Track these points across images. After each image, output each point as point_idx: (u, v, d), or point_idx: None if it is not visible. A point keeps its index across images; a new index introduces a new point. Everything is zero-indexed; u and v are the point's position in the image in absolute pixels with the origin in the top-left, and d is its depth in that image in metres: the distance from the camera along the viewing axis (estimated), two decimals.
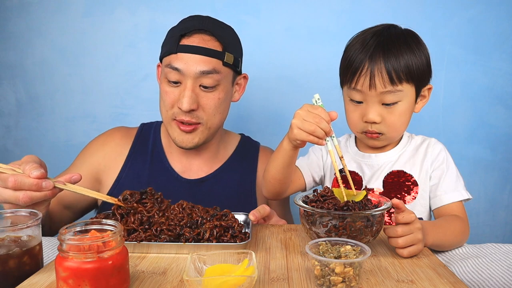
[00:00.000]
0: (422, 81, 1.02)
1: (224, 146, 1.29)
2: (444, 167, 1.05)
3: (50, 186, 0.81)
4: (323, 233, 0.78)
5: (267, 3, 1.64)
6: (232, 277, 0.62)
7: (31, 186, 0.79)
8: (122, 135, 1.26)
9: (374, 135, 1.03)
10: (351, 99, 1.03)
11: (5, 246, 0.68)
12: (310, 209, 0.79)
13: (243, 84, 1.24)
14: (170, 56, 1.10)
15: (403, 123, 1.03)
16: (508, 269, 0.79)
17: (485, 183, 1.72)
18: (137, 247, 0.78)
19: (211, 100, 1.11)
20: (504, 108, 1.68)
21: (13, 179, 0.79)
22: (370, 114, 1.00)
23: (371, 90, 0.98)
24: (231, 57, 1.12)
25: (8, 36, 1.67)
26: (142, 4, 1.64)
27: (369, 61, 0.98)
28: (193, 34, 1.10)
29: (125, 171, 1.20)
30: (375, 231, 0.79)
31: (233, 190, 1.23)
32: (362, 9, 1.63)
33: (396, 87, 0.98)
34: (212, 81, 1.09)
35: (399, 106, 1.00)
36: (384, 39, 1.00)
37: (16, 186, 0.79)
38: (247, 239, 0.80)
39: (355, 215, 0.77)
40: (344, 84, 1.05)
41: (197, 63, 1.07)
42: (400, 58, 0.97)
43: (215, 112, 1.13)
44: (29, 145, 1.72)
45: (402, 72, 0.97)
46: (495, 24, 1.63)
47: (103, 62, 1.67)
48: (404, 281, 0.68)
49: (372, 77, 0.97)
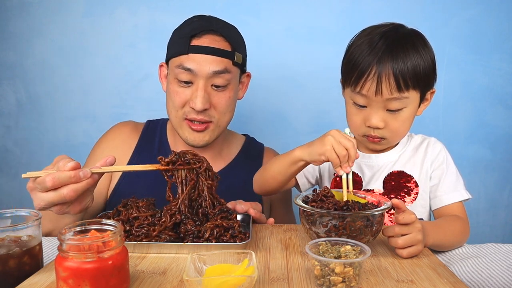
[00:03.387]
0: (428, 86, 1.01)
1: (228, 145, 1.30)
2: (444, 167, 1.05)
3: (88, 173, 0.80)
4: (323, 233, 0.78)
5: (267, 3, 1.64)
6: (232, 277, 0.62)
7: (70, 179, 0.78)
8: (130, 129, 1.28)
9: (376, 140, 1.03)
10: (354, 103, 1.01)
11: (5, 246, 0.68)
12: (310, 209, 0.79)
13: (246, 82, 1.26)
14: (181, 57, 1.11)
15: (406, 129, 1.03)
16: (508, 269, 0.79)
17: (485, 183, 1.72)
18: (137, 247, 0.78)
19: (222, 99, 1.13)
20: (504, 108, 1.68)
21: (50, 177, 0.78)
22: (373, 120, 0.98)
23: (377, 96, 0.95)
24: (240, 57, 1.15)
25: (8, 36, 1.67)
26: (142, 4, 1.65)
27: (377, 65, 0.94)
28: (203, 35, 1.11)
29: (133, 162, 1.22)
30: (375, 231, 0.79)
31: (239, 189, 1.22)
32: (362, 9, 1.63)
33: (403, 94, 0.95)
34: (224, 80, 1.11)
35: (403, 112, 0.98)
36: (392, 41, 0.97)
37: (55, 183, 0.78)
38: (247, 239, 0.80)
39: (355, 215, 0.77)
40: (348, 85, 1.02)
41: (209, 64, 1.09)
42: (408, 63, 0.95)
43: (226, 110, 1.16)
44: (29, 145, 1.72)
45: (410, 78, 0.95)
46: (495, 24, 1.63)
47: (103, 62, 1.67)
48: (404, 281, 0.68)
49: (379, 83, 0.94)
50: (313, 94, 1.68)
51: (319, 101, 1.68)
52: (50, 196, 0.79)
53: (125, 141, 1.25)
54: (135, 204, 0.84)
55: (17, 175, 1.75)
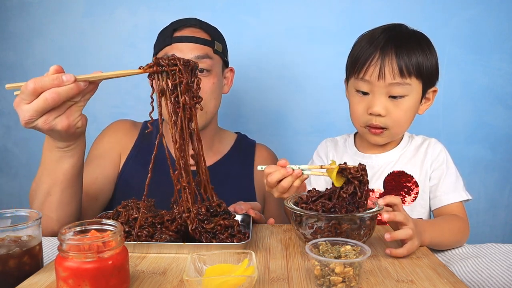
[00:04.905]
0: (430, 81, 1.02)
1: (219, 140, 1.33)
2: (444, 168, 1.05)
3: (71, 78, 0.77)
4: (309, 235, 0.77)
5: (267, 3, 1.64)
6: (232, 277, 0.62)
7: (52, 81, 0.76)
8: (130, 125, 1.33)
9: (378, 130, 1.02)
10: (357, 90, 1.02)
11: (5, 246, 0.68)
12: (299, 211, 0.78)
13: (231, 77, 1.31)
14: (165, 49, 1.17)
15: (407, 120, 1.02)
16: (508, 269, 0.79)
17: (485, 183, 1.72)
18: (137, 247, 0.78)
19: (206, 84, 1.16)
20: (504, 108, 1.68)
21: (32, 80, 0.75)
22: (375, 106, 0.99)
23: (379, 81, 0.97)
24: (220, 47, 1.21)
25: (8, 36, 1.67)
26: (142, 4, 1.64)
27: (380, 52, 0.98)
28: (183, 28, 1.19)
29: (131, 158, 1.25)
30: (363, 235, 0.77)
31: (233, 183, 1.26)
32: (362, 9, 1.63)
33: (405, 80, 0.97)
34: (206, 65, 1.16)
35: (405, 100, 0.99)
36: (395, 34, 1.00)
37: (37, 86, 0.76)
38: (247, 239, 0.80)
39: (341, 218, 0.75)
40: (352, 75, 1.04)
41: (191, 50, 1.15)
42: (412, 55, 0.97)
43: (211, 97, 1.18)
44: (29, 145, 1.72)
45: (413, 66, 0.97)
46: (495, 24, 1.63)
47: (103, 62, 1.67)
48: (404, 281, 0.68)
49: (382, 67, 0.97)
50: (313, 94, 1.68)
51: (319, 101, 1.68)
52: (33, 104, 0.77)
53: (126, 135, 1.28)
54: (135, 205, 0.84)
55: (17, 175, 1.75)
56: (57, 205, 0.92)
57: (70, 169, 0.90)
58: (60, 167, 0.90)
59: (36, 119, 0.79)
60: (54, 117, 0.80)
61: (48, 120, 0.79)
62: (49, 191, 0.91)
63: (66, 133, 0.83)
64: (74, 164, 0.91)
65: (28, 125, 0.79)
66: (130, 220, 0.82)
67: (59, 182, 0.90)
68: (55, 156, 0.89)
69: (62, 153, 0.89)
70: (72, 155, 0.90)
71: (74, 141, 0.88)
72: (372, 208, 0.79)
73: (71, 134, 0.84)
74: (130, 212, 0.83)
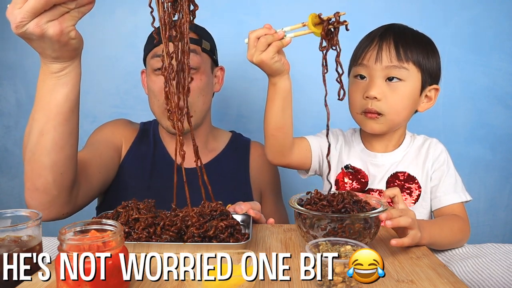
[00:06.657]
0: (430, 74, 1.03)
1: (214, 139, 1.34)
2: (444, 169, 1.05)
3: None
4: (321, 236, 0.77)
5: (267, 3, 1.64)
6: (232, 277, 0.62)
7: None
8: (130, 122, 1.35)
9: (373, 115, 1.02)
10: (355, 76, 1.05)
11: (5, 246, 0.68)
12: (307, 212, 0.78)
13: (221, 76, 1.32)
14: (154, 49, 1.18)
15: (404, 108, 1.02)
16: (508, 269, 0.79)
17: (485, 183, 1.72)
18: (137, 247, 0.78)
19: (194, 82, 1.16)
20: (504, 108, 1.68)
21: None
22: (372, 90, 1.00)
23: (376, 64, 0.99)
24: (208, 45, 1.23)
25: (8, 36, 1.66)
26: (143, 4, 1.64)
27: (378, 39, 1.01)
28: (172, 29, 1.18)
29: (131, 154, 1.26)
30: (373, 233, 0.78)
31: (228, 180, 1.27)
32: (361, 9, 1.63)
33: (402, 64, 0.99)
34: (194, 63, 1.16)
35: (402, 85, 1.00)
36: (396, 26, 1.04)
37: None
38: (247, 239, 0.80)
39: (354, 217, 0.76)
40: (352, 66, 1.07)
41: None
42: (410, 43, 1.00)
43: (199, 94, 1.19)
44: None
45: (411, 51, 0.99)
46: (495, 24, 1.63)
47: (103, 62, 1.67)
48: (404, 281, 0.68)
49: (379, 51, 1.00)
50: (313, 94, 1.67)
51: (319, 101, 1.67)
52: (25, 6, 0.73)
53: (127, 129, 1.30)
54: (135, 206, 0.84)
55: (17, 175, 1.75)
56: (50, 146, 0.88)
57: (63, 101, 0.88)
58: (54, 97, 0.88)
59: (27, 21, 0.75)
60: (46, 20, 0.77)
61: (40, 23, 0.76)
62: (42, 130, 0.88)
63: (59, 43, 0.81)
64: (67, 94, 0.88)
65: (19, 29, 0.76)
66: (130, 221, 0.82)
67: (52, 116, 0.87)
68: (48, 86, 0.87)
69: (55, 80, 0.87)
70: (66, 82, 0.88)
71: (68, 60, 0.86)
72: (377, 208, 0.80)
73: (64, 44, 0.82)
74: (130, 213, 0.83)
